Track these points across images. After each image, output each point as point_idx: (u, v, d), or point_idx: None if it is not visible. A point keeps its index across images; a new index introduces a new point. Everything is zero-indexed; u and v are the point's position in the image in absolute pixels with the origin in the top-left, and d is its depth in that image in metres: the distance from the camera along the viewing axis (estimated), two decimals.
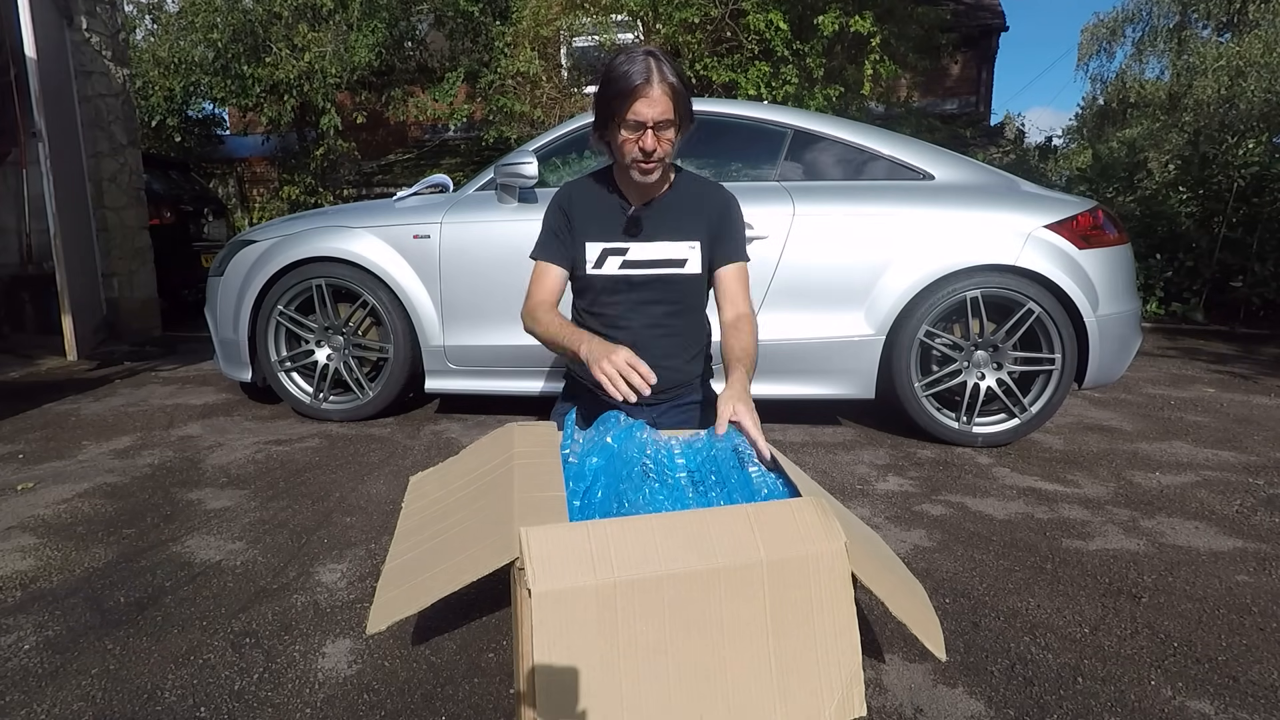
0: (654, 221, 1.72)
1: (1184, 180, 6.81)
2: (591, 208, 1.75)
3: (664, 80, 1.53)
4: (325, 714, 1.21)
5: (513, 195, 2.81)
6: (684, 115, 1.59)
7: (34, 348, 4.63)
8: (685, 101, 1.58)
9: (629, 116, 1.54)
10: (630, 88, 1.52)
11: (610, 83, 1.56)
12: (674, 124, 1.57)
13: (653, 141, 1.56)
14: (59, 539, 1.88)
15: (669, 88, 1.53)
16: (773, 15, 6.14)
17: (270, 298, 2.96)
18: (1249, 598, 1.61)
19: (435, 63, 9.33)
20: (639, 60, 1.54)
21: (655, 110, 1.53)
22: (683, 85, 1.57)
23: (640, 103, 1.53)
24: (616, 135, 1.60)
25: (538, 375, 2.86)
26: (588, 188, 1.78)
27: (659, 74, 1.53)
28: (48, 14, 4.45)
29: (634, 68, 1.53)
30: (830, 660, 1.09)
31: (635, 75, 1.52)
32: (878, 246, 2.67)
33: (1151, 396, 3.58)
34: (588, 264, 1.74)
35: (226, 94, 8.68)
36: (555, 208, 1.78)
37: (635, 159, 1.60)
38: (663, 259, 1.73)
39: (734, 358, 1.64)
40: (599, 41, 7.11)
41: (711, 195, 1.76)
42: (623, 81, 1.53)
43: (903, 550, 1.83)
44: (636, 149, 1.58)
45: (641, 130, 1.56)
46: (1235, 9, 13.26)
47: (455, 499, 1.40)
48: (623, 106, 1.54)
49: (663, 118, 1.54)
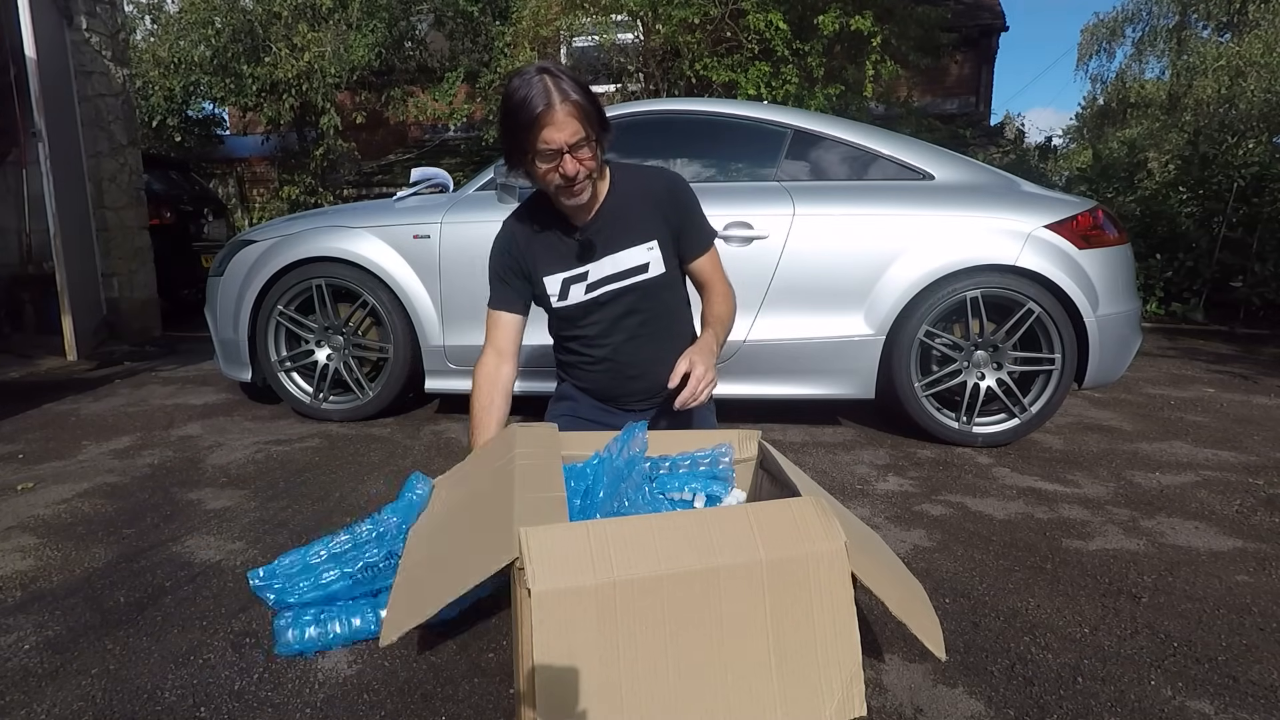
0: (604, 235, 1.67)
1: (1184, 180, 6.81)
2: (538, 241, 1.69)
3: (566, 100, 1.43)
4: (325, 714, 1.21)
5: (513, 195, 2.81)
6: (597, 128, 1.50)
7: (34, 348, 4.63)
8: (595, 113, 1.48)
9: (540, 146, 1.46)
10: (532, 118, 1.42)
11: (510, 114, 1.46)
12: (588, 139, 1.48)
13: (573, 165, 1.48)
14: (59, 539, 1.88)
15: (573, 106, 1.44)
16: (773, 15, 6.14)
17: (270, 298, 2.96)
18: (1249, 598, 1.61)
19: (435, 63, 9.32)
20: (535, 83, 1.43)
21: (564, 134, 1.44)
22: (586, 98, 1.47)
23: (547, 130, 1.43)
24: (533, 166, 1.51)
25: (538, 375, 2.86)
26: (529, 221, 1.70)
27: (559, 93, 1.43)
28: (48, 14, 4.45)
29: (532, 93, 1.42)
30: (830, 660, 1.09)
31: (535, 102, 1.42)
32: (878, 246, 2.67)
33: (1151, 396, 3.58)
34: (552, 298, 1.71)
35: (225, 93, 8.68)
36: (499, 251, 1.71)
37: (559, 186, 1.52)
38: (623, 270, 1.68)
39: (705, 322, 1.68)
40: (599, 41, 7.11)
41: (655, 186, 1.68)
42: (523, 112, 1.43)
43: (903, 550, 1.83)
44: (558, 176, 1.50)
45: (557, 158, 1.47)
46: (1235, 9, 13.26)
47: (460, 503, 1.40)
48: (530, 138, 1.45)
49: (574, 139, 1.45)
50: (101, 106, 5.17)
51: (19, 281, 5.32)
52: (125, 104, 5.43)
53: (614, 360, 1.74)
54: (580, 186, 1.53)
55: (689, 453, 1.53)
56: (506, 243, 1.71)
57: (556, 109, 1.42)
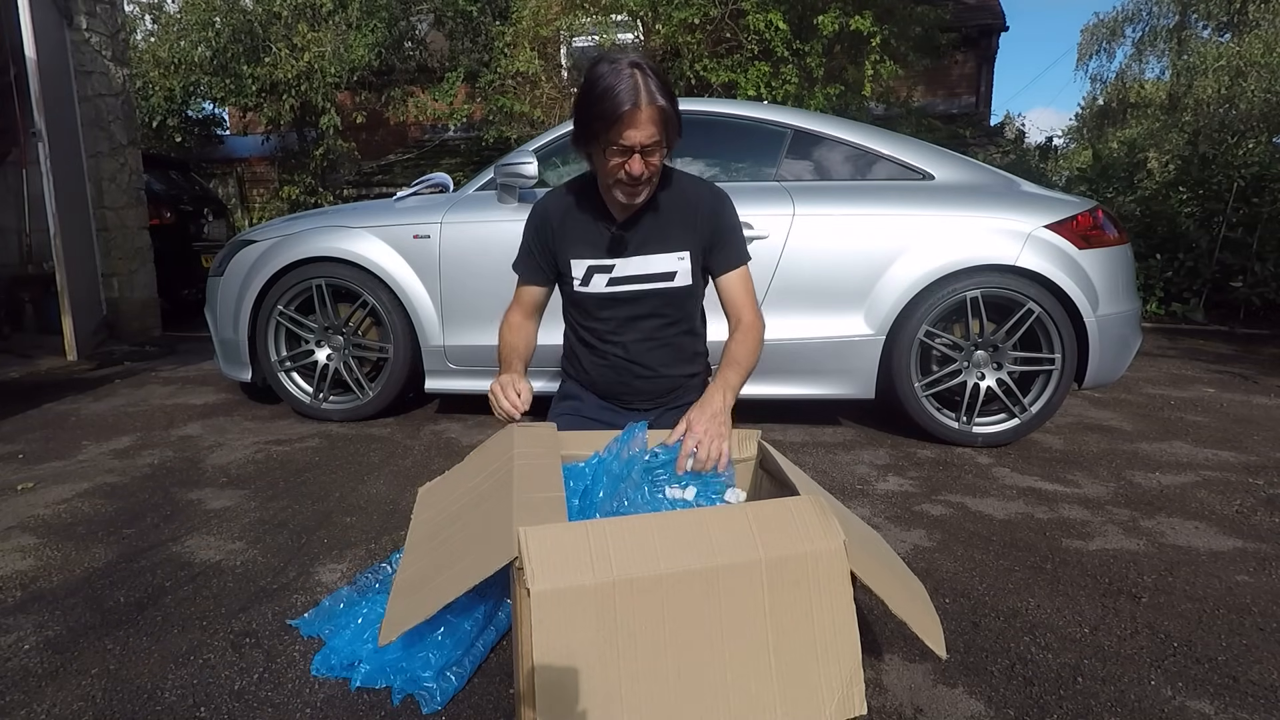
0: (639, 236, 1.65)
1: (1184, 180, 6.81)
2: (573, 223, 1.68)
3: (653, 103, 1.42)
4: (325, 714, 1.21)
5: (513, 195, 2.81)
6: (673, 134, 1.50)
7: (34, 348, 4.63)
8: (674, 120, 1.48)
9: (619, 141, 1.45)
10: (617, 113, 1.41)
11: (594, 101, 1.45)
12: (661, 144, 1.48)
13: (640, 166, 1.47)
14: (59, 539, 1.88)
15: (657, 111, 1.43)
16: (772, 15, 6.14)
17: (270, 298, 2.96)
18: (1249, 598, 1.61)
19: (435, 63, 9.33)
20: (625, 77, 1.42)
21: (643, 135, 1.44)
22: (671, 104, 1.46)
23: (628, 130, 1.43)
24: (600, 155, 1.51)
25: (538, 375, 2.85)
26: (568, 201, 1.69)
27: (647, 95, 1.41)
28: (48, 14, 4.45)
29: (621, 86, 1.41)
30: (830, 659, 1.09)
31: (623, 99, 1.40)
32: (878, 246, 2.67)
33: (1151, 396, 3.58)
34: (575, 281, 1.70)
35: (225, 93, 8.68)
36: (534, 224, 1.72)
37: (620, 181, 1.51)
38: (650, 273, 1.67)
39: (724, 361, 1.60)
40: (599, 41, 7.11)
41: (700, 199, 1.67)
42: (609, 103, 1.42)
43: (903, 550, 1.83)
44: (623, 173, 1.49)
45: (628, 155, 1.46)
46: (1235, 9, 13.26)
47: (459, 505, 1.40)
48: (608, 130, 1.44)
49: (650, 141, 1.45)
50: (101, 106, 5.17)
51: (19, 281, 5.32)
52: (125, 104, 5.44)
53: (624, 358, 1.74)
54: (641, 188, 1.54)
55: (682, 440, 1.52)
56: (542, 217, 1.71)
57: (643, 110, 1.42)
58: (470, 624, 1.33)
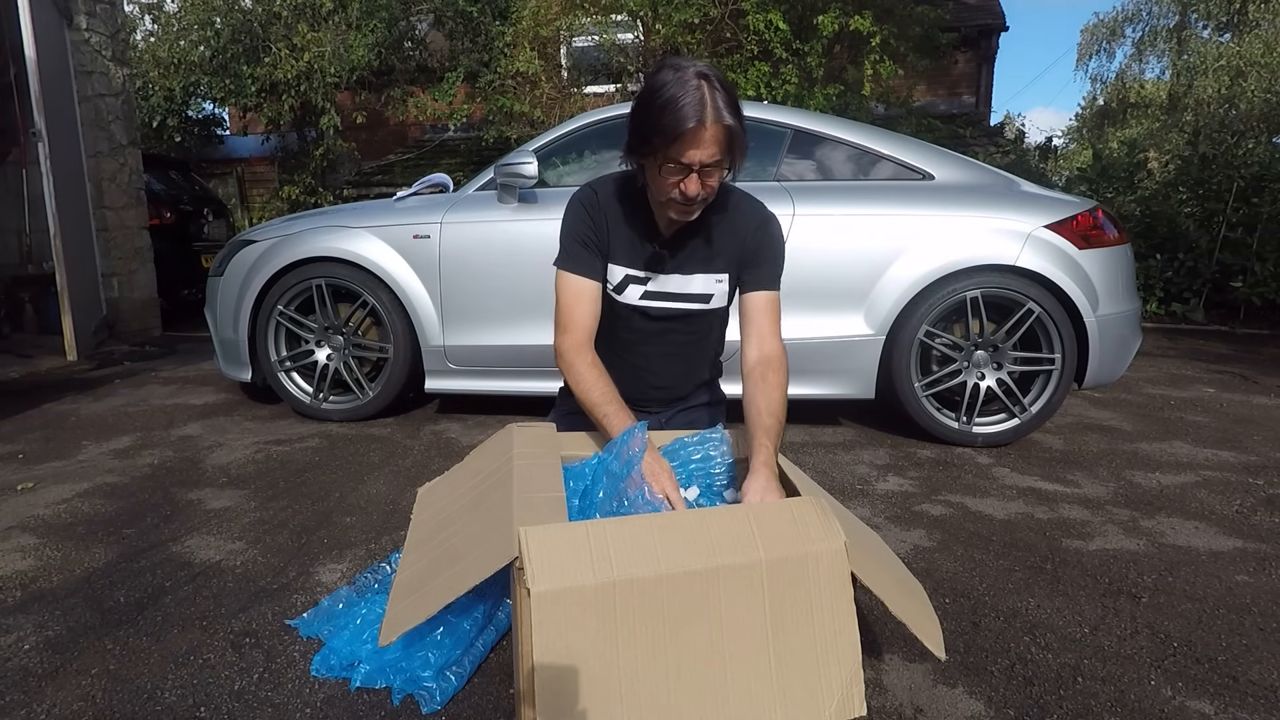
0: (682, 255, 1.57)
1: (1184, 180, 6.81)
2: (621, 225, 1.56)
3: (719, 121, 1.30)
4: (325, 714, 1.21)
5: (513, 195, 2.81)
6: (737, 155, 1.37)
7: (34, 348, 4.64)
8: (741, 140, 1.35)
9: (680, 159, 1.33)
10: (680, 130, 1.29)
11: (655, 112, 1.32)
12: (722, 164, 1.37)
13: (697, 187, 1.36)
14: (59, 539, 1.88)
15: (724, 130, 1.31)
16: (772, 15, 6.14)
17: (270, 298, 2.96)
18: (1249, 598, 1.61)
19: (435, 63, 9.32)
20: (692, 89, 1.29)
21: (705, 154, 1.32)
22: (739, 122, 1.33)
23: (690, 149, 1.31)
24: (655, 168, 1.39)
25: (538, 375, 2.86)
26: (617, 199, 1.56)
27: (714, 113, 1.29)
28: (48, 14, 4.45)
29: (687, 100, 1.29)
30: (830, 660, 1.09)
31: (688, 115, 1.28)
32: (878, 246, 2.67)
33: (1151, 396, 3.58)
34: (609, 284, 1.61)
35: (225, 94, 8.68)
36: (584, 212, 1.56)
37: (673, 199, 1.40)
38: (686, 293, 1.60)
39: (759, 425, 1.40)
40: (599, 41, 7.11)
41: (749, 219, 1.57)
42: (671, 118, 1.29)
43: (903, 550, 1.83)
44: (677, 192, 1.38)
45: (686, 173, 1.35)
46: (1235, 9, 13.27)
47: (458, 505, 1.40)
48: (668, 146, 1.32)
49: (711, 160, 1.33)
50: (101, 106, 5.17)
51: (19, 281, 5.32)
52: (125, 104, 5.43)
53: (643, 368, 1.69)
54: (695, 208, 1.43)
55: (681, 438, 1.52)
56: (590, 206, 1.56)
57: (708, 129, 1.30)
58: (469, 623, 1.33)
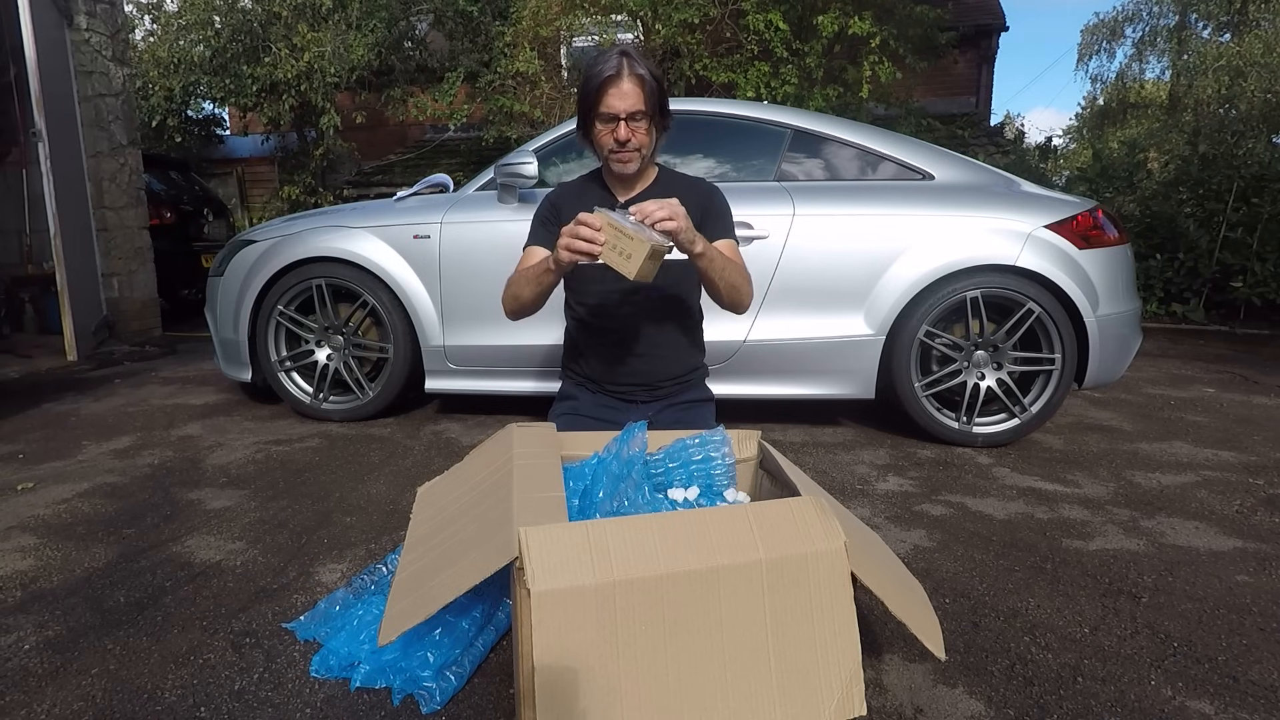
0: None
1: (1184, 180, 6.80)
2: (580, 201, 1.78)
3: (633, 73, 1.62)
4: (325, 714, 1.21)
5: (513, 195, 2.81)
6: (656, 108, 1.66)
7: (34, 348, 4.64)
8: (657, 94, 1.65)
9: (602, 109, 1.63)
10: (601, 81, 1.61)
11: (585, 81, 1.67)
12: (647, 115, 1.65)
13: (626, 131, 1.64)
14: (59, 539, 1.88)
15: (638, 80, 1.62)
16: (772, 15, 6.14)
17: (270, 298, 2.96)
18: (1249, 598, 1.61)
19: (435, 63, 9.31)
20: (611, 58, 1.64)
21: (626, 103, 1.62)
22: (654, 80, 1.64)
23: (611, 95, 1.62)
24: (594, 133, 1.69)
25: (538, 375, 2.86)
26: (577, 185, 1.87)
27: (629, 68, 1.61)
28: (48, 14, 4.45)
29: (606, 64, 1.63)
30: (830, 660, 1.09)
31: (606, 69, 1.61)
32: (878, 246, 2.67)
33: (1151, 396, 3.58)
34: None
35: (225, 93, 8.67)
36: (546, 202, 1.86)
37: (611, 149, 1.68)
38: None
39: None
40: (599, 41, 7.11)
41: (695, 187, 1.81)
42: (595, 77, 1.63)
43: (903, 550, 1.83)
44: (611, 139, 1.66)
45: (615, 122, 1.64)
46: (1235, 9, 13.27)
47: (458, 505, 1.40)
48: (595, 100, 1.63)
49: (634, 109, 1.63)
50: (101, 106, 5.17)
51: (19, 281, 5.32)
52: (125, 104, 5.43)
53: (620, 334, 1.80)
54: (630, 154, 1.68)
55: (681, 439, 1.52)
56: (553, 195, 1.87)
57: (624, 78, 1.61)
58: (469, 623, 1.33)
